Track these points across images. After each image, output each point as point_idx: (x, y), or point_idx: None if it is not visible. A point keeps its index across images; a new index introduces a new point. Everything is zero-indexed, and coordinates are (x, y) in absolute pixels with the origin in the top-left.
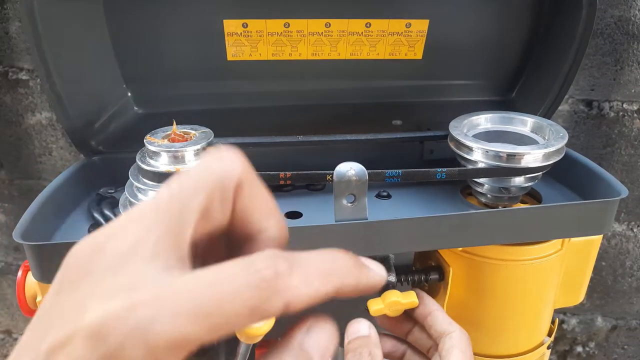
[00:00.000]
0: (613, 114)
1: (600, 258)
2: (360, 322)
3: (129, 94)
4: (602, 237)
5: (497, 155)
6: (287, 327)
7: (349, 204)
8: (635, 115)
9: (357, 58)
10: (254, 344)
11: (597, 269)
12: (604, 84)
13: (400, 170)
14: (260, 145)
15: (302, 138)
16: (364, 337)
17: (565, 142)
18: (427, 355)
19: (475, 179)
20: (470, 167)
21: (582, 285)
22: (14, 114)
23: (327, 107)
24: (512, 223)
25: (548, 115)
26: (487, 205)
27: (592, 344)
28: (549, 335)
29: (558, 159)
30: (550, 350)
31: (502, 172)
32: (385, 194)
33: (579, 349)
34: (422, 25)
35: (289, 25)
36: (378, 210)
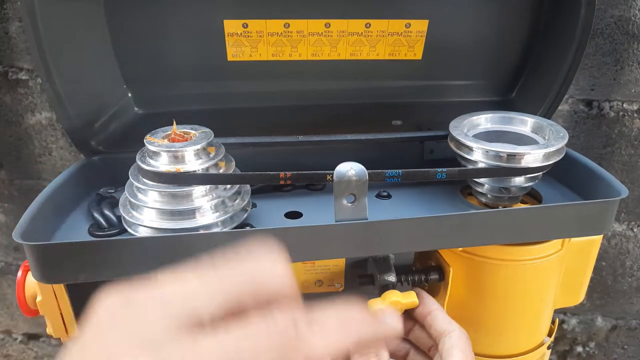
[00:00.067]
0: (613, 114)
1: (601, 258)
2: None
3: (129, 94)
4: (602, 237)
5: (497, 155)
6: None
7: (349, 204)
8: (636, 115)
9: (357, 58)
10: None
11: (597, 269)
12: (604, 84)
13: (401, 170)
14: (260, 145)
15: (302, 138)
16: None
17: (566, 142)
18: (428, 355)
19: (476, 179)
20: (471, 167)
21: (582, 286)
22: (14, 114)
23: (327, 107)
24: (512, 223)
25: (548, 115)
26: (487, 205)
27: (592, 344)
28: (549, 336)
29: (558, 159)
30: (551, 351)
31: (502, 172)
32: (386, 194)
33: (579, 349)
34: (421, 26)
35: (289, 26)
36: (378, 210)
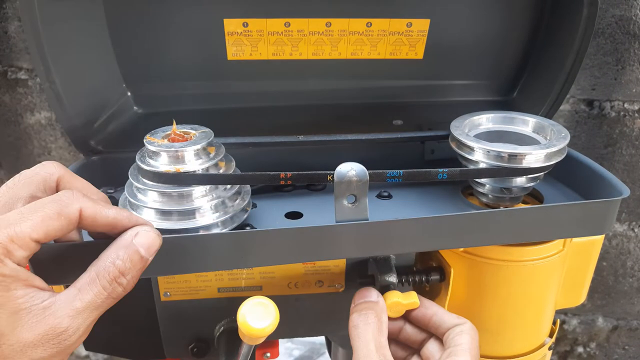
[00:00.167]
0: (614, 114)
1: (602, 258)
2: (369, 289)
3: (129, 94)
4: (603, 237)
5: (498, 156)
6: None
7: (350, 205)
8: (637, 115)
9: (357, 58)
10: (256, 345)
11: (598, 269)
12: (605, 84)
13: (402, 171)
14: (261, 145)
15: (302, 138)
16: (373, 302)
17: (567, 142)
18: (418, 352)
19: (477, 179)
20: (472, 167)
21: (583, 286)
22: (13, 114)
23: (327, 107)
24: (513, 223)
25: (549, 115)
26: (488, 206)
27: (593, 345)
28: (550, 336)
29: (560, 159)
30: (552, 351)
31: (503, 172)
32: (386, 194)
33: (580, 350)
34: (423, 25)
35: (290, 25)
36: (379, 211)
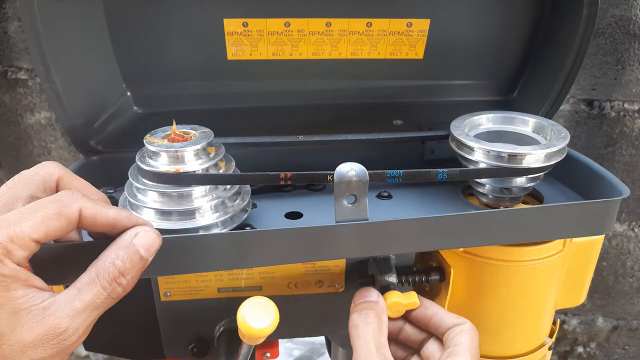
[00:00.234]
0: (614, 114)
1: (601, 258)
2: (369, 289)
3: (129, 94)
4: (603, 237)
5: (498, 156)
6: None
7: (350, 205)
8: (636, 115)
9: (357, 58)
10: (255, 345)
11: (598, 269)
12: (605, 84)
13: (401, 171)
14: (260, 145)
15: (302, 138)
16: (373, 302)
17: (567, 142)
18: (417, 352)
19: (477, 180)
20: (472, 167)
21: (583, 286)
22: (13, 114)
23: (327, 107)
24: (513, 223)
25: (549, 115)
26: (488, 206)
27: (593, 345)
28: (550, 336)
29: (560, 159)
30: (552, 351)
31: (503, 172)
32: (386, 194)
33: (580, 350)
34: (423, 25)
35: (290, 25)
36: (379, 211)
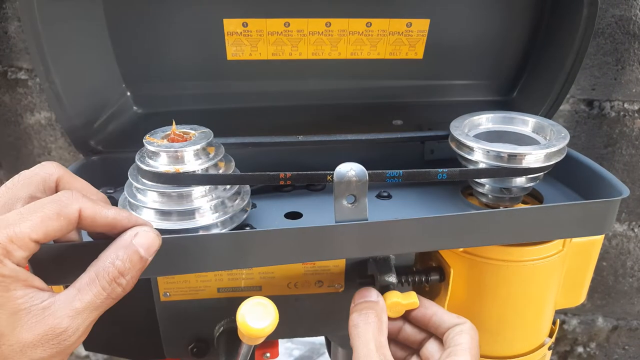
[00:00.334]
0: (614, 114)
1: (601, 258)
2: (369, 289)
3: (128, 94)
4: (603, 237)
5: (498, 156)
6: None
7: (349, 205)
8: (636, 115)
9: (357, 58)
10: (255, 345)
11: (598, 269)
12: (605, 84)
13: (401, 171)
14: (260, 145)
15: (302, 138)
16: (373, 301)
17: (567, 142)
18: (417, 352)
19: (477, 180)
20: (472, 167)
21: (583, 286)
22: (13, 114)
23: (327, 107)
24: (513, 223)
25: (549, 115)
26: (488, 206)
27: (593, 345)
28: (550, 336)
29: (559, 159)
30: (551, 351)
31: (503, 172)
32: (386, 195)
33: (580, 350)
34: (422, 25)
35: (289, 25)
36: (378, 211)
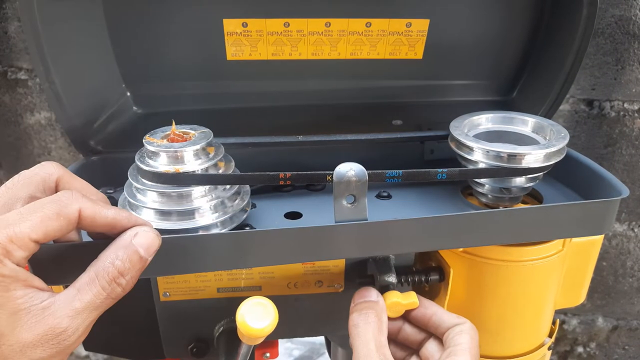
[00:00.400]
0: (614, 114)
1: (601, 258)
2: (369, 289)
3: (128, 94)
4: (603, 237)
5: (498, 156)
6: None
7: (349, 205)
8: (636, 115)
9: (357, 58)
10: (255, 345)
11: (597, 269)
12: (605, 84)
13: (401, 171)
14: (260, 145)
15: (302, 138)
16: (373, 301)
17: (567, 142)
18: (417, 352)
19: (476, 180)
20: (471, 167)
21: (583, 286)
22: (13, 114)
23: (327, 107)
24: (513, 223)
25: (549, 115)
26: (488, 206)
27: (592, 345)
28: (550, 336)
29: (559, 159)
30: (551, 351)
31: (503, 172)
32: (386, 194)
33: (580, 350)
34: (422, 25)
35: (289, 25)
36: (378, 211)
